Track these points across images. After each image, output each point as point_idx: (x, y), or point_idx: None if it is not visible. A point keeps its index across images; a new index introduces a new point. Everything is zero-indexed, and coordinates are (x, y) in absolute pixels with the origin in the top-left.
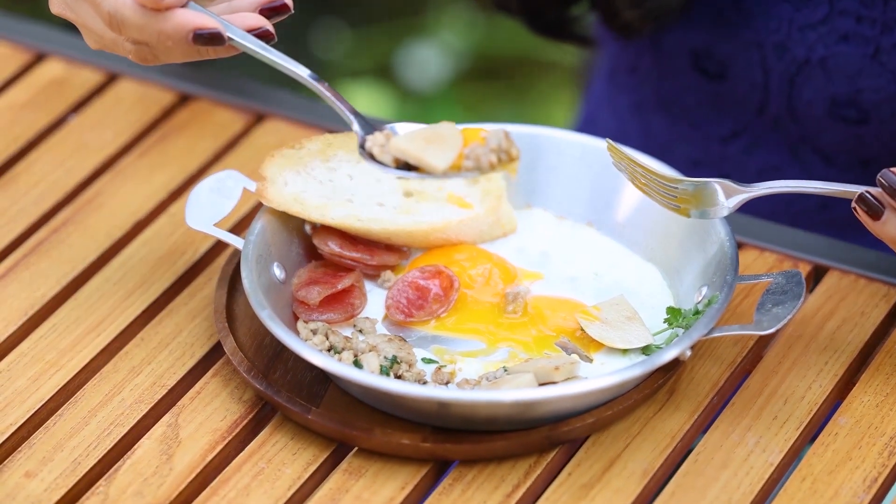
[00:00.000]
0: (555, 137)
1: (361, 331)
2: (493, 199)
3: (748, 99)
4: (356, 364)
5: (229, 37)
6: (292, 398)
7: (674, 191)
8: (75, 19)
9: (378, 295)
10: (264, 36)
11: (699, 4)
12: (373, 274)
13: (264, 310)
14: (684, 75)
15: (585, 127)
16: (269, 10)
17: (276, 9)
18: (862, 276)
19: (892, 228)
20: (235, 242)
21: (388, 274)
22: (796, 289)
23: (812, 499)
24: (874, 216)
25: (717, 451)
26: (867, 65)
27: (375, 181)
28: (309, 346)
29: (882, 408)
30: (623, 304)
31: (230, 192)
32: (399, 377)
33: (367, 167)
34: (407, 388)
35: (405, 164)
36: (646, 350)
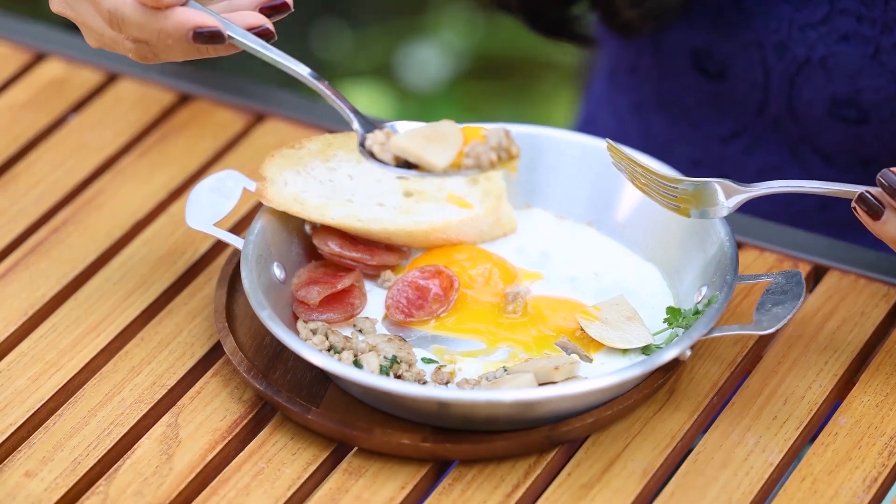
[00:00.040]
0: (555, 137)
1: (361, 331)
2: (493, 199)
3: (748, 99)
4: (356, 364)
5: (229, 35)
6: (292, 398)
7: (674, 191)
8: (75, 17)
9: (378, 295)
10: (264, 34)
11: (699, 4)
12: (373, 274)
13: (264, 310)
14: (684, 75)
15: (585, 127)
16: (269, 9)
17: (277, 7)
18: (862, 276)
19: (892, 228)
20: (235, 242)
21: (388, 274)
22: (796, 289)
23: (812, 499)
24: (874, 216)
25: (717, 451)
26: (867, 65)
27: (375, 181)
28: (309, 345)
29: (882, 408)
30: (623, 304)
31: (230, 192)
32: (399, 377)
33: (368, 167)
34: (407, 388)
35: (405, 162)
36: (646, 350)
